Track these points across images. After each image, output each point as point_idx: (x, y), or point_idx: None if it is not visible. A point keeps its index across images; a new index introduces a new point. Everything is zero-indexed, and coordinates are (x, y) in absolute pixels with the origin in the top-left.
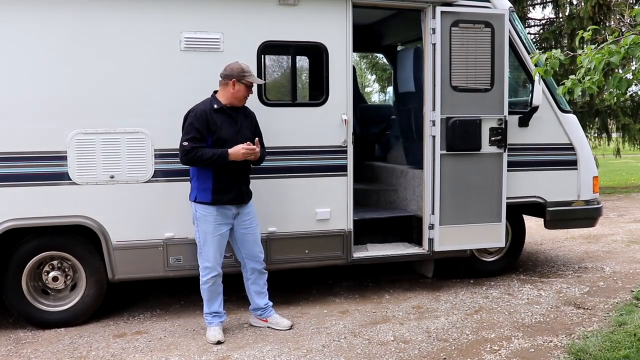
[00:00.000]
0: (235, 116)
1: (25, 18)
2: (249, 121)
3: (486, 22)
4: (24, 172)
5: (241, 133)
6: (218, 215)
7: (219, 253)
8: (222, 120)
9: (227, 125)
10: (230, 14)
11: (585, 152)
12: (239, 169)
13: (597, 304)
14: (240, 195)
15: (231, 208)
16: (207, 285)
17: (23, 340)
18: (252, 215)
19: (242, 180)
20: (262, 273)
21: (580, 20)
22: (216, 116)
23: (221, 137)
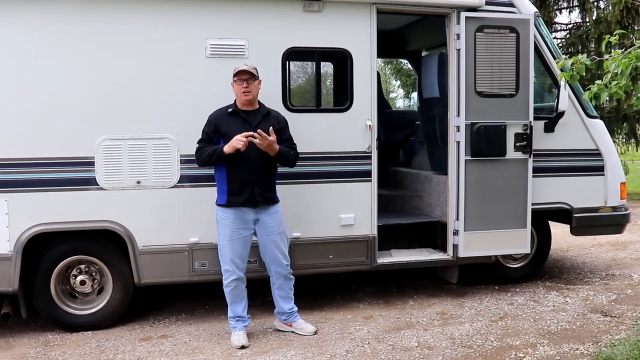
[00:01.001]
0: (251, 119)
1: (54, 26)
2: (269, 124)
3: (511, 27)
4: (53, 178)
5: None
6: (236, 219)
7: (238, 257)
8: (234, 123)
9: (240, 128)
10: (256, 20)
11: (613, 157)
12: (252, 171)
13: (625, 311)
14: (252, 197)
15: (249, 212)
16: (229, 289)
17: (51, 342)
18: (275, 223)
19: (255, 182)
20: (288, 279)
21: (608, 25)
22: (229, 119)
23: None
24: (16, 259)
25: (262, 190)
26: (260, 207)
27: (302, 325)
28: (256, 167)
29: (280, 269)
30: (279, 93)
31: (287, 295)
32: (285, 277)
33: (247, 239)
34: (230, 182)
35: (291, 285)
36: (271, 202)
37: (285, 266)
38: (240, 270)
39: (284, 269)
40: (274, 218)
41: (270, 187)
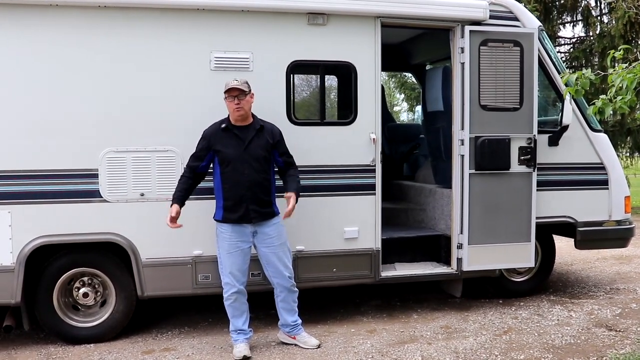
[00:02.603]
0: (243, 135)
1: (58, 38)
2: (263, 140)
3: (515, 41)
4: (56, 190)
5: (249, 152)
6: (233, 233)
7: (237, 270)
8: (227, 140)
9: (233, 144)
10: (260, 34)
11: (617, 171)
12: (245, 187)
13: (630, 326)
14: (246, 214)
15: (247, 226)
16: (229, 302)
17: (54, 355)
18: (275, 235)
19: (249, 198)
20: (291, 291)
21: (612, 39)
22: (222, 135)
23: (225, 157)
24: (19, 271)
25: (258, 206)
26: (257, 222)
27: (305, 338)
28: (249, 183)
29: (282, 281)
30: (283, 106)
31: (291, 308)
32: (289, 290)
33: (246, 251)
34: (225, 199)
35: (295, 297)
36: (268, 216)
37: (288, 278)
38: (240, 284)
39: (287, 281)
40: (273, 229)
41: (267, 202)
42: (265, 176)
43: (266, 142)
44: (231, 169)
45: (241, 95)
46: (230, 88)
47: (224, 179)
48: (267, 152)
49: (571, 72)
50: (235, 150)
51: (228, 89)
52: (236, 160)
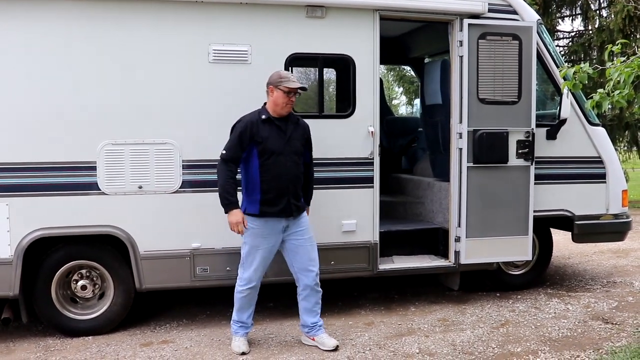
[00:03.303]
0: (284, 127)
1: (56, 31)
2: (300, 132)
3: (514, 34)
4: (54, 182)
5: (290, 144)
6: (266, 228)
7: (262, 266)
8: (269, 131)
9: (275, 136)
10: (259, 26)
11: (614, 165)
12: (288, 181)
13: (626, 319)
14: (288, 208)
15: (281, 220)
16: (242, 295)
17: (52, 347)
18: (305, 227)
19: (291, 192)
20: (315, 290)
21: (610, 33)
22: (263, 127)
23: (268, 149)
24: (17, 264)
25: (296, 200)
26: (295, 217)
27: (324, 339)
28: (291, 177)
29: (307, 280)
30: None
31: (312, 309)
32: (312, 289)
33: (274, 248)
34: (264, 192)
35: (318, 299)
36: (302, 210)
37: (314, 277)
38: (258, 279)
39: (312, 279)
40: (303, 222)
41: (300, 196)
42: (302, 170)
43: (302, 136)
44: (273, 161)
45: (297, 95)
46: (297, 87)
47: (264, 171)
48: (302, 147)
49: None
50: (278, 143)
51: (295, 87)
52: (279, 152)
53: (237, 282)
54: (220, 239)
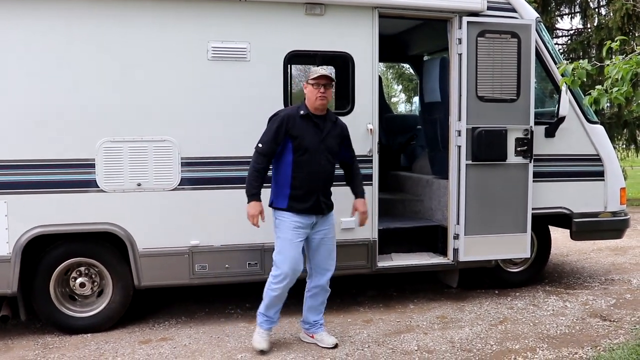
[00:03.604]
0: (322, 124)
1: (54, 28)
2: (337, 132)
3: (512, 32)
4: (52, 180)
5: (326, 143)
6: (297, 222)
7: (297, 260)
8: (306, 128)
9: (312, 133)
10: (257, 24)
11: (613, 163)
12: (320, 179)
13: (624, 316)
14: (317, 205)
15: (311, 217)
16: (274, 294)
17: (50, 345)
18: (330, 226)
19: (320, 190)
20: (324, 290)
21: (609, 31)
22: (300, 122)
23: (303, 145)
24: (15, 261)
25: (326, 198)
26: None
27: (323, 337)
28: (323, 175)
29: (321, 280)
30: (280, 96)
31: (317, 307)
32: (322, 288)
33: (302, 244)
34: (294, 187)
35: (325, 298)
36: (332, 208)
37: (329, 277)
38: (293, 275)
39: (326, 280)
40: (330, 221)
41: (330, 194)
42: (334, 169)
43: (338, 136)
44: (307, 158)
45: (328, 85)
46: (320, 75)
47: (296, 167)
48: (338, 146)
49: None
50: (314, 140)
51: (317, 75)
52: (314, 150)
53: (269, 279)
54: (219, 236)
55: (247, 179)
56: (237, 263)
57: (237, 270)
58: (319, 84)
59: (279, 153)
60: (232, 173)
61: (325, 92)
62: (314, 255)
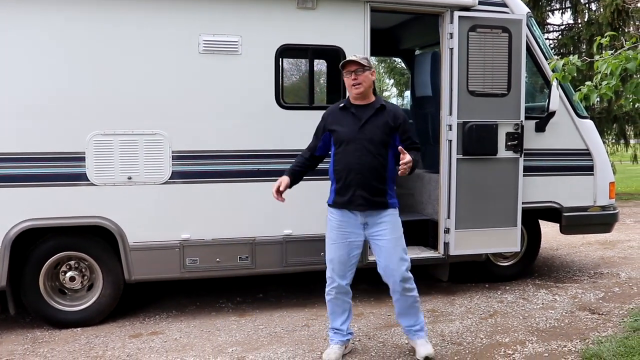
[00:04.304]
0: (361, 114)
1: (44, 21)
2: (383, 120)
3: (504, 27)
4: (42, 173)
5: (364, 132)
6: (343, 221)
7: (338, 263)
8: (343, 119)
9: (349, 123)
10: (249, 17)
11: (602, 157)
12: (355, 171)
13: (612, 309)
14: (353, 200)
15: (357, 215)
16: (328, 298)
17: (40, 339)
18: (387, 227)
19: (358, 184)
20: (403, 296)
21: (599, 26)
22: (339, 115)
23: (340, 137)
24: (4, 255)
25: (367, 193)
26: (368, 211)
27: (416, 345)
28: (360, 166)
29: (391, 285)
30: (272, 90)
31: (404, 313)
32: (399, 294)
33: (353, 244)
34: (336, 181)
35: (409, 303)
36: (379, 207)
37: (399, 281)
38: (340, 278)
39: (397, 284)
40: (385, 223)
41: (379, 190)
42: (381, 161)
43: (385, 124)
44: (343, 150)
45: (359, 70)
46: (346, 61)
47: (336, 160)
48: (385, 135)
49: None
50: (350, 130)
51: (345, 62)
52: (349, 140)
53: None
54: (210, 230)
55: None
56: (228, 257)
57: (228, 264)
58: (350, 71)
59: (329, 149)
60: (223, 167)
61: (358, 79)
62: (377, 258)
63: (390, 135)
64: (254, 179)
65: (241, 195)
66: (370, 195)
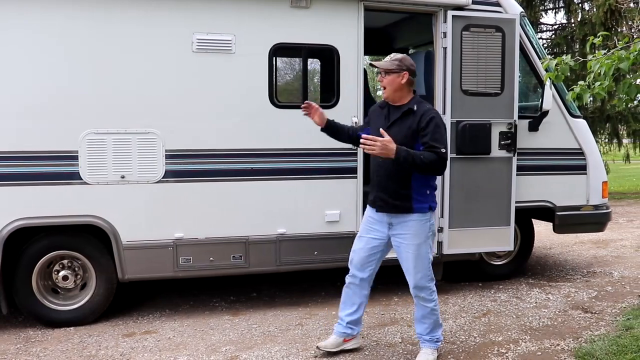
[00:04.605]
0: (390, 115)
1: (37, 20)
2: (408, 122)
3: (497, 26)
4: (35, 172)
5: (390, 132)
6: (371, 217)
7: (358, 254)
8: (377, 118)
9: (379, 123)
10: (243, 16)
11: (595, 157)
12: (378, 173)
13: (605, 308)
14: (375, 200)
15: (381, 214)
16: (345, 286)
17: (33, 338)
18: (409, 232)
19: (379, 186)
20: (419, 305)
21: (592, 26)
22: (377, 112)
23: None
24: None
25: (388, 196)
26: (390, 213)
27: (420, 353)
28: (381, 170)
29: (412, 290)
30: (265, 89)
31: (418, 319)
32: (419, 300)
33: (375, 242)
34: (370, 179)
35: (423, 312)
36: (402, 211)
37: (412, 288)
38: (357, 270)
39: (411, 290)
40: (407, 227)
41: (402, 195)
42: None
43: (409, 127)
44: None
45: (383, 73)
46: (369, 63)
47: (371, 159)
48: (408, 139)
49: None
50: (378, 132)
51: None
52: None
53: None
54: (204, 229)
55: None
56: (221, 256)
57: (221, 263)
58: (380, 73)
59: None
60: (216, 165)
61: (383, 81)
62: (400, 261)
63: (415, 138)
64: (248, 178)
65: (235, 194)
66: (390, 199)
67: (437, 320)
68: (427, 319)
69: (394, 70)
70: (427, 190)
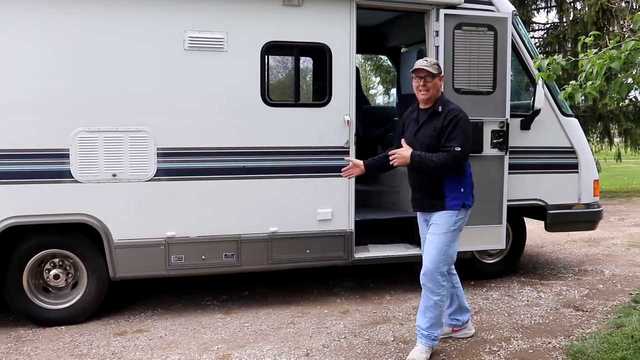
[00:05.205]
0: (420, 118)
1: (28, 17)
2: (434, 124)
3: (489, 25)
4: (26, 170)
5: (418, 137)
6: (419, 219)
7: (423, 257)
8: (410, 121)
9: (411, 126)
10: (235, 14)
11: (587, 155)
12: (412, 176)
13: (596, 306)
14: (413, 200)
15: (421, 214)
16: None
17: (23, 337)
18: (439, 222)
19: (415, 186)
20: (424, 293)
21: (584, 25)
22: (409, 118)
23: (406, 141)
24: None
25: (422, 196)
26: (425, 212)
27: (414, 348)
28: (417, 172)
29: (421, 275)
30: (257, 87)
31: (421, 310)
32: (425, 289)
33: (424, 238)
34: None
35: (426, 304)
36: (436, 209)
37: (422, 274)
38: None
39: (423, 275)
40: (435, 220)
41: (435, 194)
42: None
43: (434, 129)
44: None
45: (428, 77)
46: (417, 68)
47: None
48: (433, 140)
49: (544, 57)
50: (409, 135)
51: (415, 69)
52: (409, 143)
53: None
54: (196, 227)
55: None
56: (213, 254)
57: (213, 261)
58: (419, 77)
59: None
60: (208, 164)
61: (427, 85)
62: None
63: (437, 138)
64: (240, 177)
65: (227, 192)
66: (424, 198)
67: (438, 318)
68: (429, 312)
69: (437, 74)
70: (460, 188)
